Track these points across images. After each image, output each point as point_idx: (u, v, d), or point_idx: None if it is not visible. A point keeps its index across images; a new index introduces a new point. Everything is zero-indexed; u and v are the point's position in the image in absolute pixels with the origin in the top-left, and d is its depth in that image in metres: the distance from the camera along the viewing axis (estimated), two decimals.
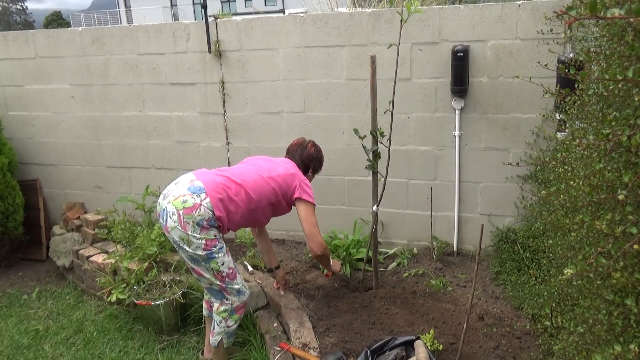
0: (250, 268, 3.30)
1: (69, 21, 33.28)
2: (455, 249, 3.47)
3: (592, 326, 1.47)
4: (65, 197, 4.38)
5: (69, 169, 4.30)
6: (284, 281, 2.98)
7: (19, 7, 48.06)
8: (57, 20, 34.31)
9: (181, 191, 2.33)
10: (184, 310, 3.10)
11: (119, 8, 32.28)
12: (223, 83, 3.66)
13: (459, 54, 3.03)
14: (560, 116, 2.48)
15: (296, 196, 2.55)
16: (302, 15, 3.43)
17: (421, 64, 3.22)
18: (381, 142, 2.68)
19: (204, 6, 3.60)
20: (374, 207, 2.82)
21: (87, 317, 3.39)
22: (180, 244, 2.32)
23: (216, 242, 2.35)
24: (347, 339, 2.50)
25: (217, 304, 2.50)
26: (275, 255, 3.03)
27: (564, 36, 2.63)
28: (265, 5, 28.10)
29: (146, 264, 3.28)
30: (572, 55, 2.42)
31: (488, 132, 3.22)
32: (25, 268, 4.22)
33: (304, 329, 2.58)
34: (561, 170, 1.70)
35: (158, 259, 3.37)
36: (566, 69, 1.65)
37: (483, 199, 3.36)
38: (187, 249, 2.31)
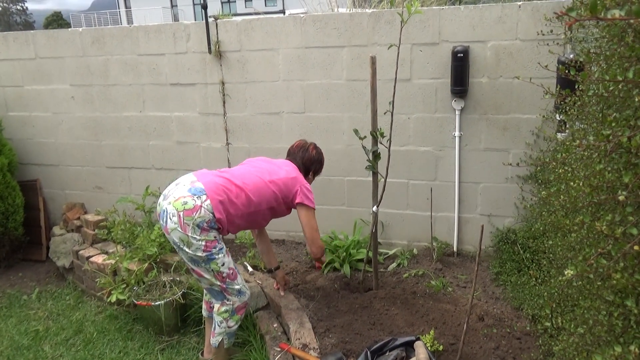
0: (250, 269, 3.30)
1: (69, 22, 33.32)
2: (455, 249, 3.47)
3: (592, 327, 1.47)
4: (65, 198, 4.38)
5: (69, 169, 4.30)
6: (284, 282, 2.98)
7: (19, 7, 48.13)
8: (57, 20, 34.31)
9: (182, 192, 2.33)
10: (184, 311, 3.10)
11: (119, 8, 32.32)
12: (223, 83, 3.66)
13: (459, 54, 3.04)
14: (560, 117, 2.47)
15: (298, 201, 2.56)
16: (302, 15, 3.43)
17: (421, 64, 3.22)
18: (381, 143, 2.68)
19: (204, 7, 3.61)
20: (374, 208, 2.82)
21: (87, 318, 3.39)
22: (180, 245, 2.32)
23: (216, 244, 2.35)
24: (347, 339, 2.50)
25: (218, 304, 2.50)
26: (275, 255, 3.03)
27: (564, 37, 2.63)
28: (266, 5, 28.14)
29: (146, 264, 3.28)
30: (572, 56, 2.42)
31: (488, 132, 3.22)
32: (25, 268, 4.22)
33: (304, 330, 2.58)
34: (561, 171, 1.70)
35: (158, 260, 3.37)
36: (566, 70, 1.65)
37: (483, 199, 3.36)
38: (187, 250, 2.31)
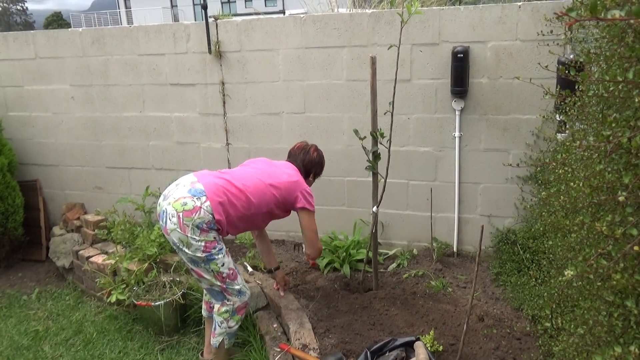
0: (250, 269, 3.30)
1: (69, 22, 33.33)
2: (455, 250, 3.47)
3: (592, 327, 1.46)
4: (65, 198, 4.38)
5: (69, 169, 4.30)
6: (283, 282, 2.98)
7: (19, 7, 48.13)
8: (57, 20, 34.32)
9: (182, 193, 2.32)
10: (184, 311, 3.10)
11: (119, 9, 32.33)
12: (223, 84, 3.66)
13: (459, 55, 3.04)
14: (560, 117, 2.47)
15: (299, 206, 2.56)
16: (303, 16, 3.43)
17: (421, 65, 3.22)
18: (381, 143, 2.68)
19: (204, 7, 3.61)
20: (374, 208, 2.82)
21: (87, 318, 3.39)
22: (179, 246, 2.32)
23: (215, 244, 2.35)
24: (347, 339, 2.50)
25: (218, 305, 2.50)
26: (275, 256, 3.03)
27: (564, 37, 2.63)
28: (266, 6, 28.15)
29: (146, 264, 3.28)
30: (572, 57, 2.42)
31: (488, 133, 3.22)
32: (25, 269, 4.22)
33: (303, 330, 2.58)
34: (561, 172, 1.70)
35: (158, 260, 3.37)
36: (566, 70, 1.65)
37: (483, 200, 3.36)
38: (186, 250, 2.31)
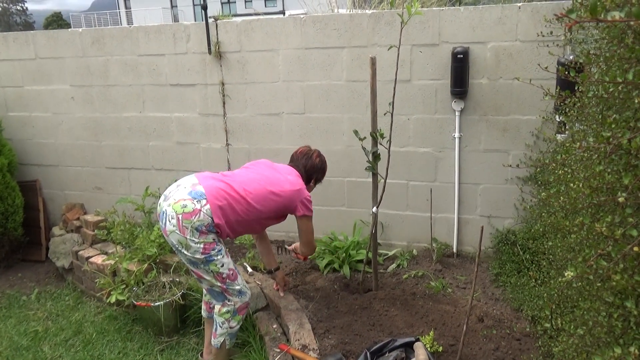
0: (249, 269, 3.30)
1: (69, 22, 33.34)
2: (455, 250, 3.47)
3: (591, 328, 1.47)
4: (65, 198, 4.38)
5: (68, 169, 4.30)
6: (283, 283, 2.98)
7: (19, 8, 48.15)
8: (57, 21, 34.34)
9: (182, 195, 2.32)
10: (184, 312, 3.10)
11: (119, 9, 32.33)
12: (223, 84, 3.66)
13: (459, 55, 3.04)
14: (560, 118, 2.48)
15: (300, 214, 2.58)
16: (302, 16, 3.43)
17: (421, 65, 3.22)
18: (381, 144, 2.68)
19: (204, 7, 3.61)
20: (374, 209, 2.82)
21: (87, 319, 3.39)
22: (178, 248, 2.32)
23: (214, 245, 2.35)
24: (346, 340, 2.50)
25: (219, 305, 2.50)
26: (274, 256, 3.03)
27: (564, 38, 2.63)
28: (266, 6, 28.14)
29: (146, 265, 3.28)
30: (572, 58, 2.42)
31: (488, 133, 3.22)
32: (24, 269, 4.22)
33: (303, 331, 2.58)
34: (561, 172, 1.70)
35: (157, 260, 3.37)
36: (566, 71, 1.65)
37: (483, 200, 3.36)
38: (185, 252, 2.31)
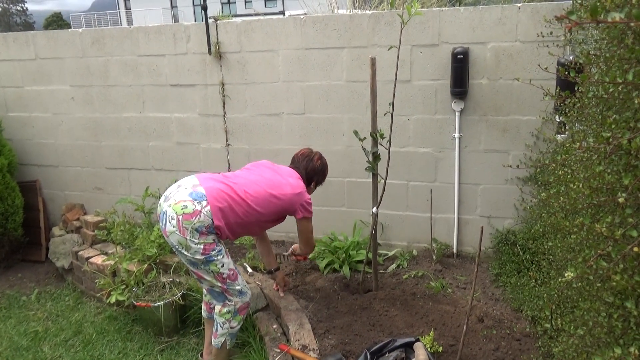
0: (249, 270, 3.30)
1: (69, 22, 33.32)
2: (455, 250, 3.47)
3: (591, 328, 1.47)
4: (65, 199, 4.38)
5: (68, 170, 4.30)
6: (283, 283, 2.98)
7: (19, 8, 48.16)
8: (57, 21, 34.33)
9: (182, 196, 2.32)
10: (184, 312, 3.10)
11: (119, 9, 32.32)
12: (223, 84, 3.66)
13: (458, 56, 3.04)
14: (560, 118, 2.48)
15: (300, 217, 2.59)
16: (302, 17, 3.43)
17: (421, 66, 3.23)
18: (381, 144, 2.68)
19: (204, 8, 3.61)
20: (374, 209, 2.82)
21: (87, 319, 3.39)
22: (178, 248, 2.32)
23: (214, 246, 2.35)
24: (346, 340, 2.50)
25: (220, 305, 2.50)
26: (274, 257, 3.03)
27: (563, 39, 2.63)
28: (266, 7, 28.15)
29: (145, 265, 3.28)
30: (572, 58, 2.43)
31: (488, 134, 3.22)
32: (24, 269, 4.21)
33: (303, 331, 2.58)
34: (561, 173, 1.70)
35: (157, 261, 3.37)
36: (566, 72, 1.65)
37: (483, 200, 3.36)
38: (185, 253, 2.31)
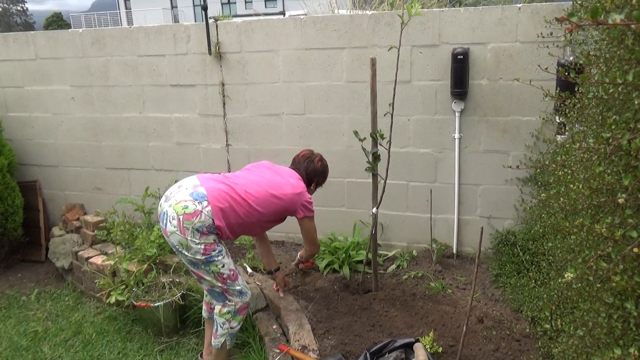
0: (249, 270, 3.30)
1: (69, 22, 33.32)
2: (454, 251, 3.47)
3: (591, 329, 1.47)
4: (65, 199, 4.38)
5: (68, 170, 4.30)
6: (283, 283, 2.98)
7: (19, 8, 48.17)
8: (57, 21, 34.32)
9: (183, 196, 2.32)
10: (183, 312, 3.10)
11: (119, 9, 32.33)
12: (223, 85, 3.66)
13: (459, 56, 3.04)
14: (560, 119, 2.48)
15: (301, 217, 2.60)
16: (303, 17, 3.43)
17: (421, 66, 3.23)
18: (381, 145, 2.68)
19: (204, 8, 3.61)
20: (374, 209, 2.82)
21: (86, 319, 3.38)
22: (179, 249, 2.32)
23: (215, 246, 2.35)
24: (346, 341, 2.50)
25: (220, 306, 2.49)
26: (274, 257, 3.03)
27: (563, 39, 2.64)
28: (266, 7, 28.15)
29: (145, 265, 3.28)
30: (572, 59, 2.43)
31: (488, 134, 3.22)
32: (24, 269, 4.21)
33: (303, 331, 2.58)
34: (561, 173, 1.70)
35: (157, 261, 3.36)
36: (566, 72, 1.66)
37: (483, 201, 3.36)
38: (186, 253, 2.31)
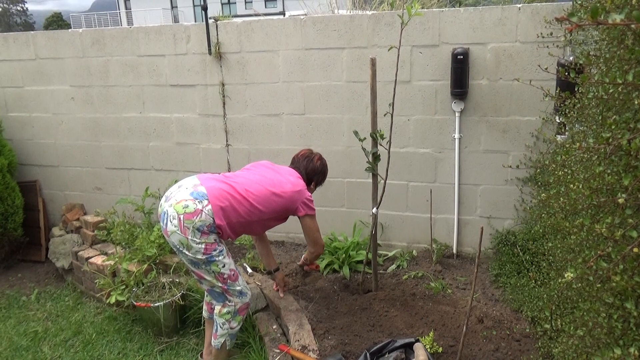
0: (249, 270, 3.30)
1: (69, 22, 33.31)
2: (454, 251, 3.47)
3: (591, 329, 1.47)
4: (65, 199, 4.38)
5: (68, 170, 4.30)
6: (283, 283, 2.98)
7: (19, 8, 48.19)
8: (57, 21, 34.30)
9: (183, 195, 2.32)
10: (183, 312, 3.10)
11: (119, 10, 32.33)
12: (223, 85, 3.66)
13: (459, 56, 3.04)
14: (560, 119, 2.48)
15: (302, 214, 2.59)
16: (303, 17, 3.43)
17: (421, 66, 3.23)
18: (381, 145, 2.68)
19: (204, 8, 3.61)
20: (374, 210, 2.82)
21: (86, 319, 3.38)
22: (179, 248, 2.32)
23: (216, 246, 2.35)
24: (346, 341, 2.50)
25: (219, 306, 2.49)
26: (274, 257, 3.03)
27: (563, 39, 2.64)
28: (266, 7, 28.15)
29: (145, 265, 3.28)
30: (572, 59, 2.43)
31: (488, 134, 3.22)
32: (24, 269, 4.21)
33: (303, 331, 2.58)
34: (561, 173, 1.71)
35: (157, 261, 3.36)
36: (566, 72, 1.66)
37: (483, 201, 3.36)
38: (186, 253, 2.31)
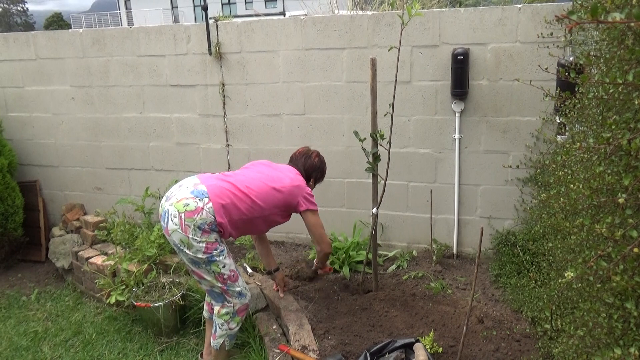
0: (249, 270, 3.30)
1: (69, 22, 33.33)
2: (455, 251, 3.47)
3: (592, 329, 1.47)
4: (65, 199, 4.38)
5: (68, 170, 4.30)
6: (283, 283, 2.98)
7: (19, 8, 48.22)
8: (57, 21, 34.31)
9: (184, 194, 2.33)
10: (183, 312, 3.10)
11: (119, 10, 32.35)
12: (223, 85, 3.66)
13: (459, 57, 3.04)
14: (560, 119, 2.48)
15: (303, 209, 2.58)
16: (303, 17, 3.43)
17: (421, 66, 3.23)
18: (381, 145, 2.68)
19: (204, 8, 3.61)
20: (374, 210, 2.82)
21: (86, 319, 3.38)
22: (180, 247, 2.32)
23: (217, 245, 2.35)
24: (346, 341, 2.50)
25: (219, 306, 2.49)
26: (274, 257, 3.03)
27: (564, 40, 2.64)
28: (266, 7, 28.16)
29: (145, 265, 3.28)
30: (572, 59, 2.43)
31: (488, 134, 3.22)
32: (24, 269, 4.21)
33: (303, 331, 2.58)
34: (561, 174, 1.71)
35: (157, 261, 3.36)
36: (566, 73, 1.66)
37: (483, 201, 3.36)
38: (187, 251, 2.31)
